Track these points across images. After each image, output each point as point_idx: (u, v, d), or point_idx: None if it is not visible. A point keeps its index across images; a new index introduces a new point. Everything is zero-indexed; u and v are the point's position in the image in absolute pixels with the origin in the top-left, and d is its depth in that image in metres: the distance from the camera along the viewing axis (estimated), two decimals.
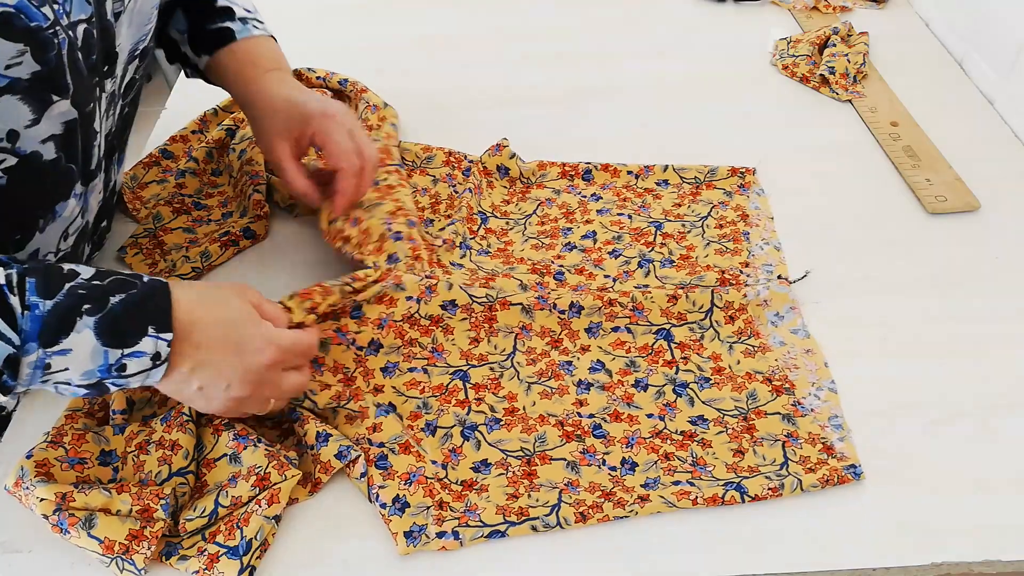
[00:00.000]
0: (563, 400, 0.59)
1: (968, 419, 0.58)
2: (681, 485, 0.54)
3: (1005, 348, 0.63)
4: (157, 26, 0.65)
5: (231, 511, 0.52)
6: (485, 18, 1.05)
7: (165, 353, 0.49)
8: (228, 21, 0.68)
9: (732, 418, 0.58)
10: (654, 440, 0.57)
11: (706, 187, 0.77)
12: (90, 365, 0.48)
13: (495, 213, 0.75)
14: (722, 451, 0.56)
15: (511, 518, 0.52)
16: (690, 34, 1.00)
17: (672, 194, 0.77)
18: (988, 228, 0.73)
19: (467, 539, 0.51)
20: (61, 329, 0.46)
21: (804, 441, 0.56)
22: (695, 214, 0.74)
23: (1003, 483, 0.55)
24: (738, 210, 0.75)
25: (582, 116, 0.87)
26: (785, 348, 0.62)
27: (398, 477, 0.54)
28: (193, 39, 0.69)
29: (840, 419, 0.58)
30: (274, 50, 0.70)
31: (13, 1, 0.44)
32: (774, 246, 0.71)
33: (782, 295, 0.65)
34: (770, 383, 0.60)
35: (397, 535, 0.51)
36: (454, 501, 0.54)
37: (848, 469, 0.54)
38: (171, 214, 0.74)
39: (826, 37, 0.94)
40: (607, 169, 0.79)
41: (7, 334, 0.45)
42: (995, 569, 0.51)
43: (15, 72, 0.46)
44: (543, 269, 0.69)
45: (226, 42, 0.68)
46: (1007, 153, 0.81)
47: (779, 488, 0.53)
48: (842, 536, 0.52)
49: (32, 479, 0.52)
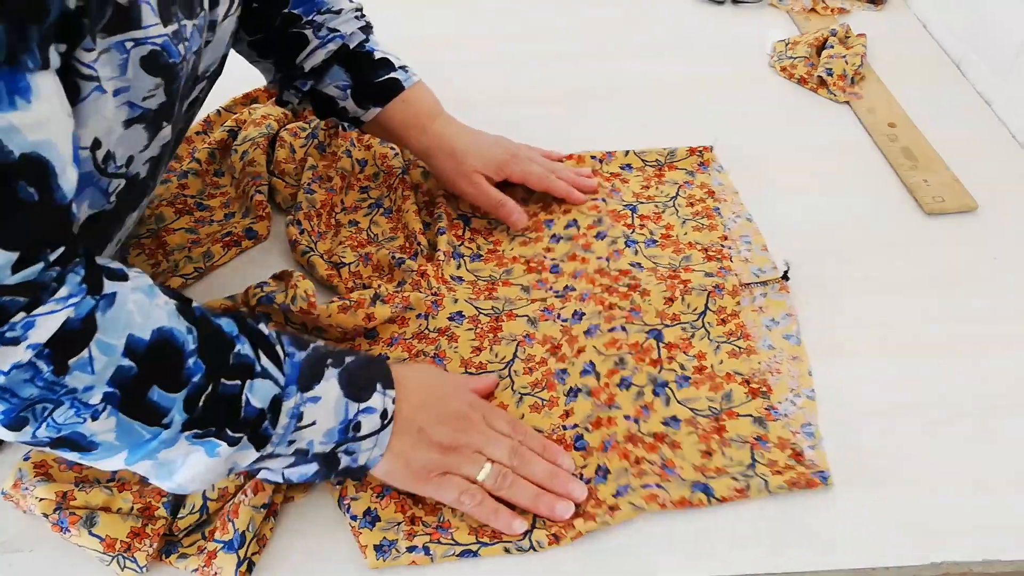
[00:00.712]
0: (551, 413, 0.59)
1: (968, 419, 0.58)
2: (649, 488, 0.53)
3: (1005, 348, 0.63)
4: (311, 84, 0.71)
5: (221, 505, 0.52)
6: (484, 18, 1.05)
7: (391, 410, 0.51)
8: (391, 72, 0.71)
9: (704, 418, 0.58)
10: (627, 445, 0.56)
11: (668, 168, 0.79)
12: (333, 421, 0.49)
13: (476, 213, 0.75)
14: (691, 452, 0.56)
15: (483, 539, 0.52)
16: (689, 35, 1.01)
17: (638, 177, 0.79)
18: (986, 228, 0.73)
19: (438, 556, 0.51)
20: (314, 376, 0.49)
21: (773, 445, 0.56)
22: (664, 195, 0.76)
23: (1003, 483, 0.55)
24: (703, 187, 0.77)
25: (582, 116, 0.87)
26: (772, 352, 0.62)
27: (371, 489, 0.54)
28: (358, 93, 0.71)
29: (813, 427, 0.57)
30: (431, 94, 0.74)
31: (161, 40, 0.46)
32: (746, 218, 0.74)
33: (779, 303, 0.65)
34: (748, 385, 0.60)
35: (367, 548, 0.51)
36: (427, 515, 0.53)
37: (816, 474, 0.54)
38: (174, 215, 0.74)
39: (824, 39, 0.94)
40: (571, 157, 0.80)
41: (274, 374, 0.48)
42: (995, 569, 0.51)
43: (148, 103, 0.48)
44: (538, 266, 0.70)
45: (396, 92, 0.71)
46: (1005, 154, 0.81)
47: (745, 489, 0.53)
48: (842, 536, 0.52)
49: (32, 479, 0.51)
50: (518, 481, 0.53)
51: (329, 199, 0.75)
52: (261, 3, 0.69)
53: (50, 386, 0.41)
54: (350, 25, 0.71)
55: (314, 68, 0.70)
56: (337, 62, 0.71)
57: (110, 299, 0.43)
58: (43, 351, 0.40)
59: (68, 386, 0.41)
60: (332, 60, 0.70)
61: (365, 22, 0.72)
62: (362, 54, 0.71)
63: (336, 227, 0.74)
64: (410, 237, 0.72)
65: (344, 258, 0.70)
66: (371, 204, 0.76)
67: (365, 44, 0.71)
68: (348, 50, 0.70)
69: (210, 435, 0.45)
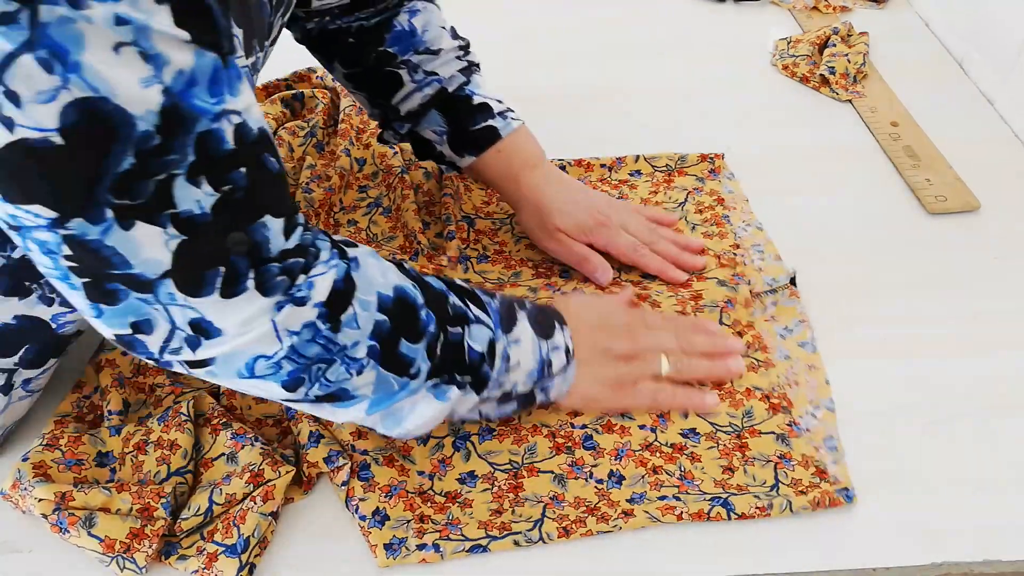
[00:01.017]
0: (559, 409, 0.58)
1: (968, 419, 0.58)
2: (667, 500, 0.53)
3: (1006, 348, 0.63)
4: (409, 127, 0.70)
5: (226, 508, 0.52)
6: (484, 18, 1.04)
7: (571, 346, 0.55)
8: (489, 119, 0.68)
9: (725, 434, 0.57)
10: (643, 453, 0.56)
11: (678, 174, 0.78)
12: (532, 362, 0.52)
13: (479, 215, 0.75)
14: (711, 467, 0.55)
15: (493, 532, 0.52)
16: (690, 34, 1.00)
17: (646, 183, 0.78)
18: (988, 228, 0.73)
19: (448, 552, 0.51)
20: (511, 320, 0.52)
21: (797, 464, 0.55)
22: (673, 201, 0.75)
23: (1003, 483, 0.55)
24: (712, 194, 0.76)
25: (582, 116, 0.87)
26: (789, 363, 0.61)
27: (379, 489, 0.53)
28: (454, 140, 0.69)
29: (835, 440, 0.56)
30: (532, 141, 0.71)
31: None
32: (756, 226, 0.72)
33: (790, 309, 0.65)
34: (768, 401, 0.59)
35: (377, 547, 0.51)
36: (435, 514, 0.53)
37: (840, 492, 0.53)
38: None
39: (826, 37, 0.94)
40: (580, 164, 0.79)
41: (485, 319, 0.51)
42: (995, 569, 0.51)
43: None
44: (547, 271, 0.69)
45: (492, 142, 0.68)
46: (1007, 153, 0.81)
47: (767, 508, 0.52)
48: (842, 536, 0.52)
49: (30, 479, 0.52)
50: (692, 360, 0.59)
51: (327, 198, 0.75)
52: (356, 39, 0.67)
53: (327, 344, 0.44)
54: (450, 67, 0.68)
55: (411, 112, 0.68)
56: (434, 106, 0.68)
57: (356, 261, 0.47)
58: (322, 310, 0.44)
59: (340, 343, 0.45)
60: (429, 104, 0.68)
61: (467, 62, 0.69)
62: (460, 99, 0.68)
63: (335, 227, 0.74)
64: (409, 236, 0.71)
65: None
66: (370, 203, 0.76)
67: (465, 87, 0.68)
68: (446, 94, 0.68)
69: (444, 382, 0.49)
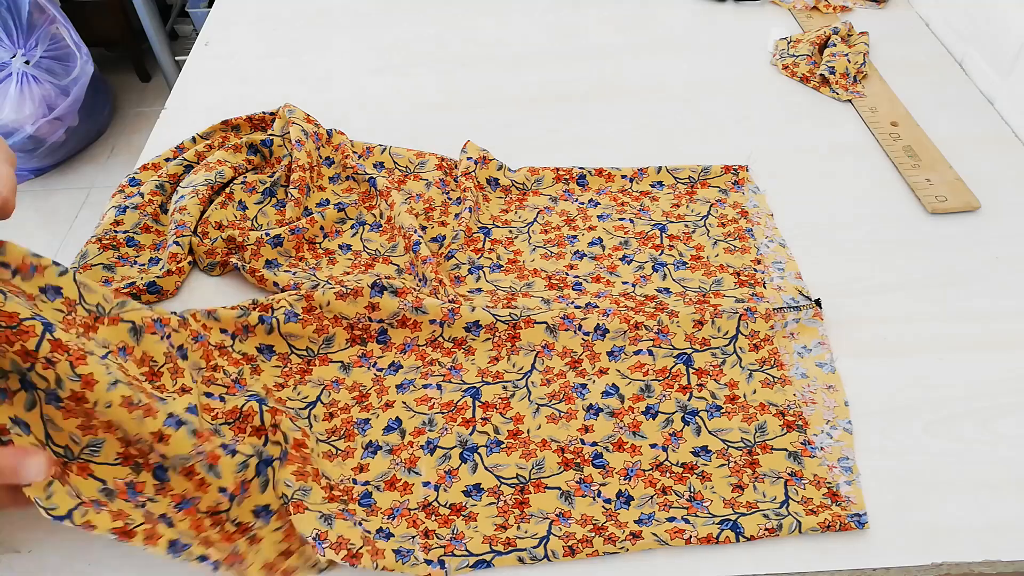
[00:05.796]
0: (569, 426, 0.58)
1: (968, 419, 0.58)
2: (675, 522, 0.52)
3: (1006, 348, 0.63)
4: None
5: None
6: (483, 18, 1.05)
7: None
8: None
9: (736, 450, 0.56)
10: (653, 473, 0.55)
11: (701, 186, 0.77)
12: None
13: (496, 223, 0.74)
14: (721, 485, 0.54)
15: (497, 547, 0.51)
16: (690, 34, 1.00)
17: (668, 195, 0.76)
18: (988, 228, 0.73)
19: (452, 569, 0.50)
20: None
21: (808, 483, 0.54)
22: (695, 214, 0.74)
23: (1003, 483, 0.54)
24: (736, 207, 0.75)
25: (581, 116, 0.87)
26: (806, 381, 0.60)
27: (381, 513, 0.53)
28: None
29: (851, 461, 0.55)
30: None
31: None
32: (779, 243, 0.71)
33: (812, 329, 0.63)
34: (783, 417, 0.58)
35: (385, 551, 0.50)
36: (440, 527, 0.53)
37: (852, 517, 0.52)
38: (97, 251, 0.68)
39: (826, 37, 0.94)
40: (601, 174, 0.78)
41: None
42: (995, 569, 0.51)
43: None
44: (560, 282, 0.68)
45: None
46: (1008, 153, 0.81)
47: (776, 529, 0.52)
48: (842, 536, 0.52)
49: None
50: None
51: (298, 239, 0.71)
52: None
53: None
54: None
55: None
56: None
57: None
58: None
59: None
60: None
61: None
62: None
63: (327, 253, 0.71)
64: (407, 235, 0.70)
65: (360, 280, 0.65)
66: (353, 224, 0.73)
67: None
68: None
69: None
